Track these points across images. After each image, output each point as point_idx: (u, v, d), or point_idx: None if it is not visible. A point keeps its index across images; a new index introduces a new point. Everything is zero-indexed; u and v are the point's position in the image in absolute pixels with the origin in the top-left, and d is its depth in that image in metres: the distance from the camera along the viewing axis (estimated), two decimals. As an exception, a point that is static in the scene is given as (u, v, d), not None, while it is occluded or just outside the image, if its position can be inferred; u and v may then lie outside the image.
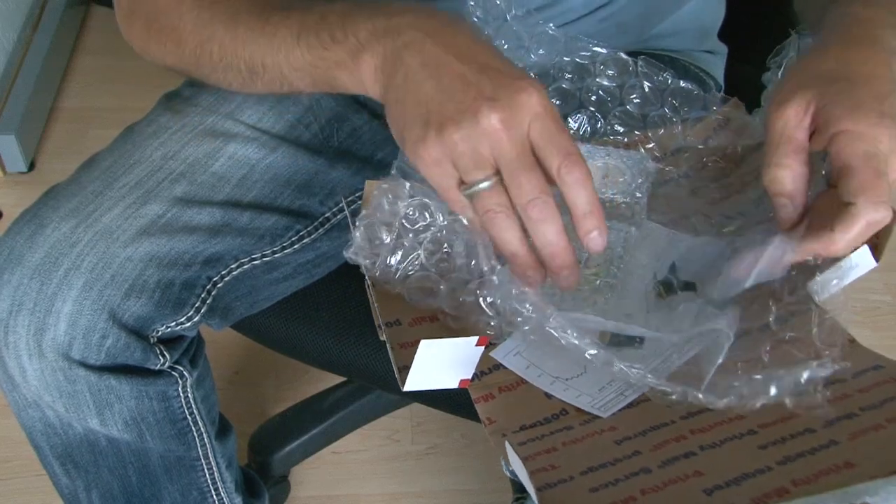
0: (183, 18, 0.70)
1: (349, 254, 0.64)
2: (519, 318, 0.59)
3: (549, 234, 0.56)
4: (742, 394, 0.54)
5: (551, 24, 0.74)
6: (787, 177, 0.59)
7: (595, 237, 0.56)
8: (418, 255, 0.65)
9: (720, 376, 0.56)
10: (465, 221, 0.60)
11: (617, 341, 0.60)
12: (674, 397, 0.56)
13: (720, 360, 0.56)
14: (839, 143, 0.56)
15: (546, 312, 0.57)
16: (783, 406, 0.54)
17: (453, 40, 0.58)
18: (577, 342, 0.58)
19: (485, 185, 0.56)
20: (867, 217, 0.55)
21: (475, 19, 0.72)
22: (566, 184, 0.55)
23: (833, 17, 0.66)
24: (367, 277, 0.65)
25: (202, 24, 0.69)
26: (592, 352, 0.57)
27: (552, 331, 0.57)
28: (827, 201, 0.59)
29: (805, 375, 0.54)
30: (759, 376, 0.55)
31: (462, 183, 0.57)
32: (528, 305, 0.58)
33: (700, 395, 0.55)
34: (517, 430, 0.60)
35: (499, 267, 0.59)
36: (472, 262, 0.61)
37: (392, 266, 0.65)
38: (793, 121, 0.59)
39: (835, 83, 0.58)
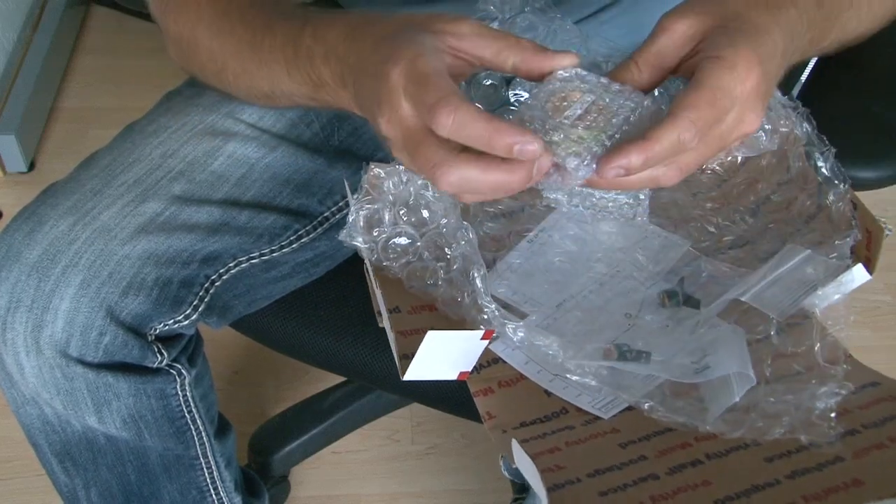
0: (199, 48, 0.71)
1: (342, 235, 0.63)
2: (516, 339, 0.59)
3: (479, 188, 0.52)
4: (755, 426, 0.54)
5: (568, 20, 0.74)
6: (632, 79, 0.57)
7: (520, 149, 0.50)
8: (419, 244, 0.65)
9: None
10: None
11: (623, 356, 0.60)
12: (681, 419, 0.56)
13: (734, 400, 0.55)
14: (707, 65, 0.53)
15: (545, 345, 0.57)
16: None
17: (371, 64, 0.56)
18: (578, 377, 0.58)
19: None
20: (679, 133, 0.51)
21: (491, 9, 0.72)
22: (443, 135, 0.51)
23: None
24: (366, 261, 0.65)
25: (214, 56, 0.71)
26: (593, 384, 0.58)
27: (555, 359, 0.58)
28: None
29: (818, 407, 0.54)
30: (771, 399, 0.55)
31: None
32: (521, 334, 0.58)
33: (711, 428, 0.55)
34: (517, 426, 0.60)
35: (493, 307, 0.58)
36: (470, 274, 0.61)
37: (393, 250, 0.64)
38: (676, 40, 0.56)
39: (732, 21, 0.55)
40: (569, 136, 0.53)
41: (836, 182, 0.65)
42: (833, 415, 0.54)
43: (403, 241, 0.64)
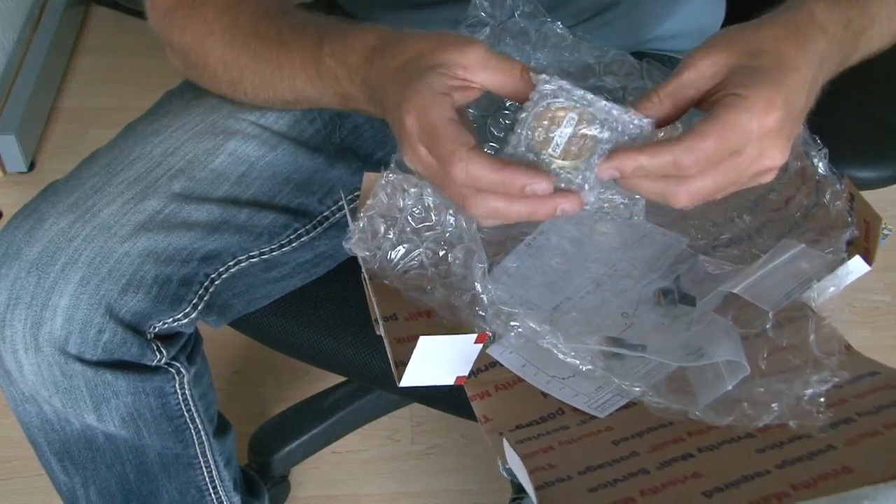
0: (210, 59, 0.73)
1: (349, 245, 0.64)
2: (511, 334, 0.59)
3: (506, 216, 0.55)
4: (745, 413, 0.54)
5: (558, 22, 0.74)
6: (652, 111, 0.58)
7: (532, 189, 0.53)
8: (419, 252, 0.65)
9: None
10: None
11: (620, 347, 0.60)
12: (674, 409, 0.56)
13: (727, 388, 0.55)
14: (726, 101, 0.54)
15: (538, 332, 0.57)
16: None
17: (390, 103, 0.59)
18: (573, 359, 0.58)
19: None
20: (676, 155, 0.52)
21: (482, 14, 0.72)
22: (458, 186, 0.55)
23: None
24: (363, 270, 0.65)
25: (229, 67, 0.73)
26: (588, 367, 0.58)
27: (549, 347, 0.58)
28: None
29: (808, 394, 0.54)
30: (761, 389, 0.55)
31: None
32: (518, 328, 0.58)
33: (700, 414, 0.55)
34: (513, 428, 0.60)
35: (489, 287, 0.59)
36: (468, 274, 0.61)
37: (392, 260, 0.65)
38: (700, 75, 0.57)
39: (758, 59, 0.56)
40: (557, 172, 0.56)
41: (832, 181, 0.65)
42: (822, 400, 0.54)
43: (403, 248, 0.65)
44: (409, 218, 0.64)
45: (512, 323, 0.58)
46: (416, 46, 0.60)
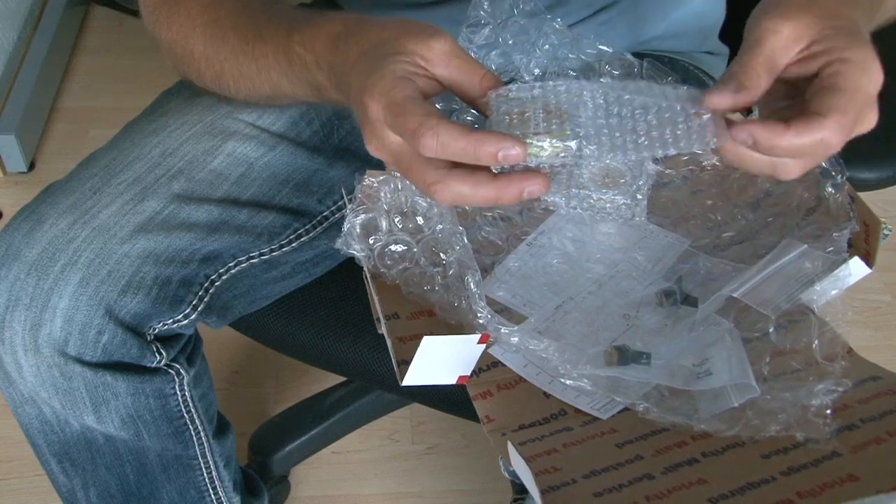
0: (195, 54, 0.73)
1: (339, 244, 0.64)
2: (511, 343, 0.59)
3: (472, 202, 0.53)
4: (750, 424, 0.54)
5: (558, 20, 0.74)
6: (756, 88, 0.54)
7: (504, 154, 0.51)
8: (417, 250, 0.65)
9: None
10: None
11: (624, 359, 0.60)
12: (676, 420, 0.56)
13: (732, 406, 0.55)
14: (841, 68, 0.52)
15: (538, 350, 0.57)
16: None
17: (354, 91, 0.58)
18: (572, 381, 0.58)
19: None
20: (826, 134, 0.51)
21: (481, 13, 0.72)
22: (430, 157, 0.53)
23: None
24: (365, 269, 0.65)
25: (211, 62, 0.72)
26: (589, 388, 0.58)
27: (549, 357, 0.58)
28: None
29: (813, 404, 0.54)
30: (767, 397, 0.55)
31: None
32: (515, 339, 0.58)
33: (704, 425, 0.55)
34: (516, 429, 0.60)
35: (486, 312, 0.58)
36: (465, 279, 0.61)
37: (391, 258, 0.65)
38: (785, 41, 0.54)
39: (836, 20, 0.54)
40: (547, 148, 0.54)
41: (834, 173, 0.65)
42: (829, 412, 0.54)
43: (399, 248, 0.65)
44: (405, 217, 0.64)
45: (513, 339, 0.58)
46: (379, 33, 0.59)
